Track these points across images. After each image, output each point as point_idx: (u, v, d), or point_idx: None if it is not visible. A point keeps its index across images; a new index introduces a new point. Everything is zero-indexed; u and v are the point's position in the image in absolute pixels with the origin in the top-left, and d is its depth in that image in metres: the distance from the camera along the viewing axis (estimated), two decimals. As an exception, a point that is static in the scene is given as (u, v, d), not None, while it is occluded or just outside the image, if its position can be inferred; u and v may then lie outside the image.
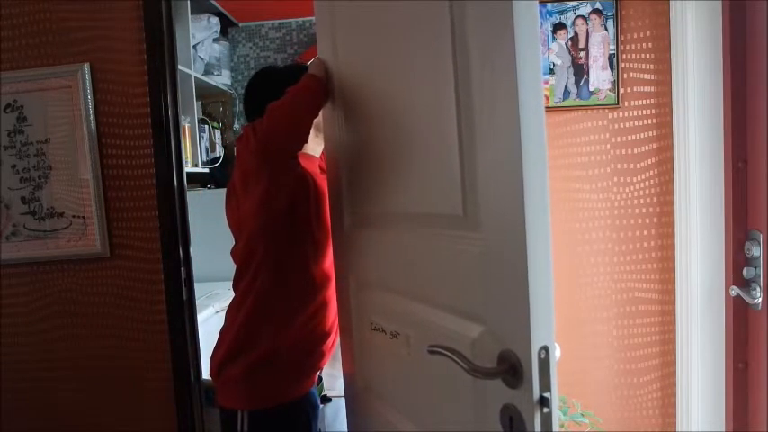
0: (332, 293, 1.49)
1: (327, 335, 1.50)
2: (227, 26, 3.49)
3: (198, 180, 3.30)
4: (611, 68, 1.83)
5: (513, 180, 0.78)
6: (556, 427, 0.80)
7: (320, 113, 1.40)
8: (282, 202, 1.35)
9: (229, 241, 1.50)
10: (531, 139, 0.76)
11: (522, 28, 0.75)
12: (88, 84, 1.84)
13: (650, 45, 1.82)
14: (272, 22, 3.58)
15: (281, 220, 1.37)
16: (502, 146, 0.80)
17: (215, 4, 3.15)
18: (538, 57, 0.78)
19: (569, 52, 1.86)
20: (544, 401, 0.79)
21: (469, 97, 0.86)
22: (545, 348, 0.79)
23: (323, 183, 1.48)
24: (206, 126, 3.25)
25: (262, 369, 1.42)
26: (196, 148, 3.01)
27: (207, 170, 3.22)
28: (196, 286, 1.94)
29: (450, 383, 0.97)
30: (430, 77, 0.96)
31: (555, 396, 0.80)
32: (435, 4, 0.92)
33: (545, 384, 0.79)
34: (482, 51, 0.83)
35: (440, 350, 0.88)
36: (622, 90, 1.84)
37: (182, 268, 1.85)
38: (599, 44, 1.83)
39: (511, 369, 0.82)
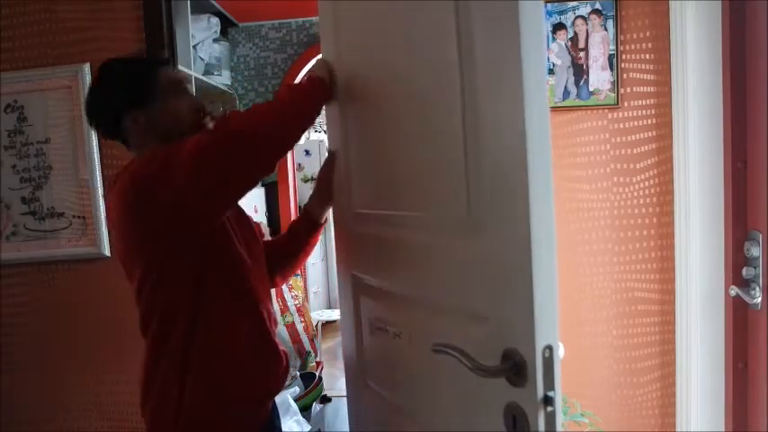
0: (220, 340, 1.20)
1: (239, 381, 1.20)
2: (227, 26, 3.49)
3: (197, 180, 3.29)
4: (611, 69, 1.83)
5: (517, 179, 0.78)
6: (559, 426, 0.80)
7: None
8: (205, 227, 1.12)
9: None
10: (535, 139, 0.76)
11: (528, 27, 0.75)
12: (88, 84, 1.83)
13: (650, 45, 1.82)
14: (272, 22, 3.59)
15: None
16: (506, 145, 0.81)
17: (215, 4, 3.15)
18: (543, 55, 0.79)
19: (569, 52, 1.86)
20: (548, 400, 0.79)
21: (474, 97, 0.86)
22: (549, 347, 0.79)
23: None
24: (205, 126, 3.24)
25: None
26: (195, 149, 3.00)
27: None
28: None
29: (454, 382, 0.97)
30: (434, 77, 0.96)
31: (559, 395, 0.80)
32: (440, 4, 0.92)
33: (549, 383, 0.79)
34: (487, 50, 0.83)
35: (444, 349, 0.88)
36: (622, 90, 1.84)
37: (182, 268, 1.85)
38: (599, 44, 1.84)
39: (515, 367, 0.82)
